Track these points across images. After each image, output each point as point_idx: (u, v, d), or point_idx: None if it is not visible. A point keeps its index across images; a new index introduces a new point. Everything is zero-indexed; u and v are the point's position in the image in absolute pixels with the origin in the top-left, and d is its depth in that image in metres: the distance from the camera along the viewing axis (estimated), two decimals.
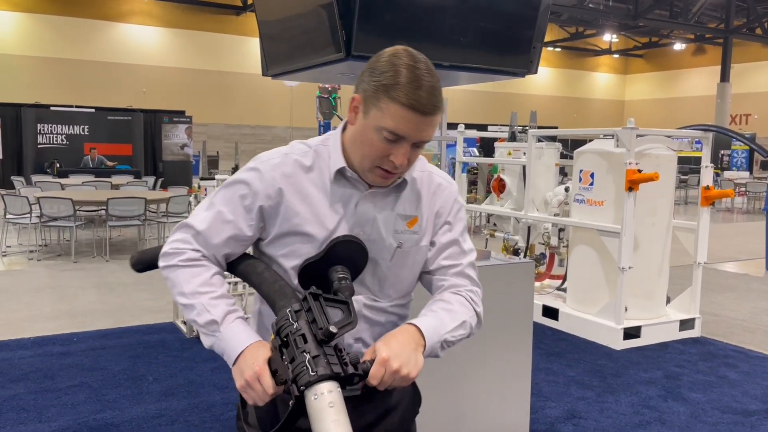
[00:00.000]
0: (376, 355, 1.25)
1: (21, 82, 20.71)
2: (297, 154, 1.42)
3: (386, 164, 1.33)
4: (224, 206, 1.39)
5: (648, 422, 3.71)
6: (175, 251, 1.39)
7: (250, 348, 1.28)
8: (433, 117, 1.32)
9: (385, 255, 1.43)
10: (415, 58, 1.33)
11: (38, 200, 8.24)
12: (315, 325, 1.19)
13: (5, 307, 5.91)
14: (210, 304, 1.33)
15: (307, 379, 1.12)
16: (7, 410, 3.66)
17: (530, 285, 3.25)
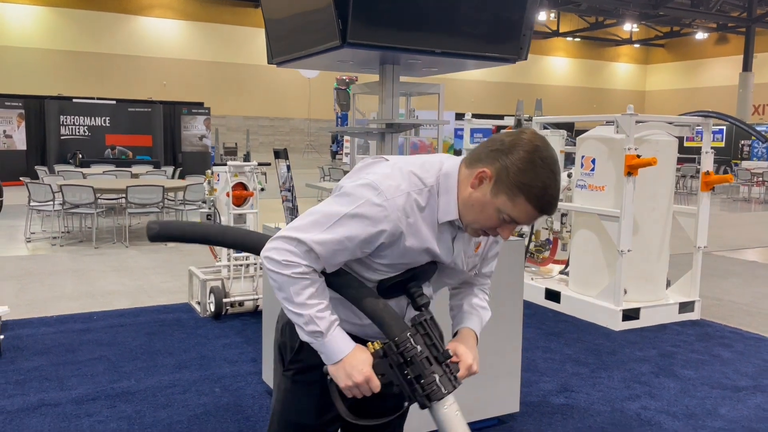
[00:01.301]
0: (460, 360, 1.60)
1: (44, 74, 21.16)
2: (416, 193, 1.49)
3: (492, 233, 1.53)
4: (346, 238, 1.46)
5: (638, 396, 3.86)
6: (288, 263, 1.46)
7: (354, 353, 1.49)
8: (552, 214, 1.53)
9: (455, 276, 1.69)
10: (554, 159, 1.45)
11: (61, 188, 8.54)
12: (435, 349, 1.50)
13: (30, 289, 6.20)
14: (317, 317, 1.47)
15: (440, 396, 1.46)
16: (31, 380, 3.91)
17: (520, 262, 3.40)
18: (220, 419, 3.43)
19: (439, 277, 1.67)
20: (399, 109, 3.50)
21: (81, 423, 3.36)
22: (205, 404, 3.62)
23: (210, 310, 5.29)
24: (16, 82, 20.05)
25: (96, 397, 3.68)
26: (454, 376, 1.50)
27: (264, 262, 1.51)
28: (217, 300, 5.20)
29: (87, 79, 22.43)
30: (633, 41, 35.69)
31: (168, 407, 3.57)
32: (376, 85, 3.54)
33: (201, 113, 18.87)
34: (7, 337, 4.61)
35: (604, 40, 35.69)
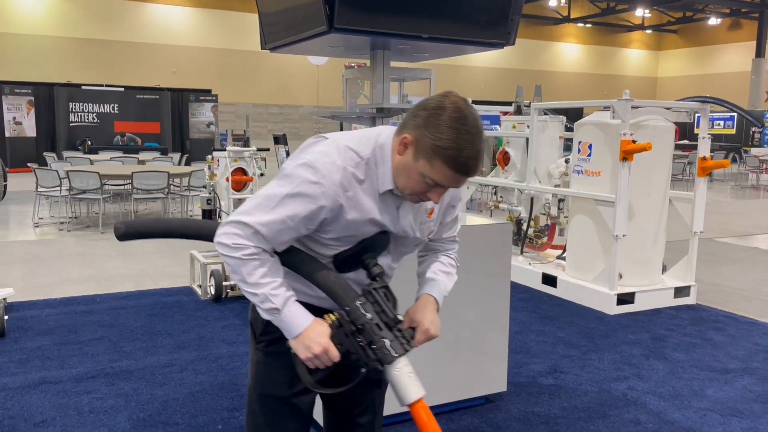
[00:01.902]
0: (417, 325, 1.66)
1: (53, 62, 21.29)
2: (352, 167, 1.54)
3: (423, 197, 1.55)
4: (288, 217, 1.52)
5: (626, 377, 3.91)
6: (237, 246, 1.53)
7: (312, 326, 1.56)
8: (474, 176, 1.53)
9: (410, 244, 1.74)
10: (474, 122, 1.45)
11: (68, 174, 8.67)
12: (385, 315, 1.56)
13: (37, 272, 6.33)
14: (271, 294, 1.54)
15: (390, 359, 1.51)
16: (33, 359, 4.03)
17: (508, 245, 3.45)
18: (215, 396, 3.53)
19: (396, 247, 1.71)
20: (390, 94, 3.55)
21: (80, 399, 3.46)
22: (201, 382, 3.71)
23: (210, 293, 5.39)
24: (26, 70, 20.20)
25: (96, 375, 3.79)
26: (407, 339, 1.56)
27: (217, 247, 1.57)
28: (217, 283, 5.30)
29: (96, 66, 22.56)
30: (645, 27, 35.32)
31: (165, 385, 3.67)
32: (368, 70, 3.59)
33: (208, 100, 18.96)
34: (12, 318, 4.73)
35: (615, 26, 35.34)
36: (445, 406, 3.34)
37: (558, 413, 3.40)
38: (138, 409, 3.36)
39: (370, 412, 1.86)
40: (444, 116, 1.44)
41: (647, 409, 3.48)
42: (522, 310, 5.26)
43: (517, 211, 6.57)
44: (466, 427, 3.22)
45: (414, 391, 1.51)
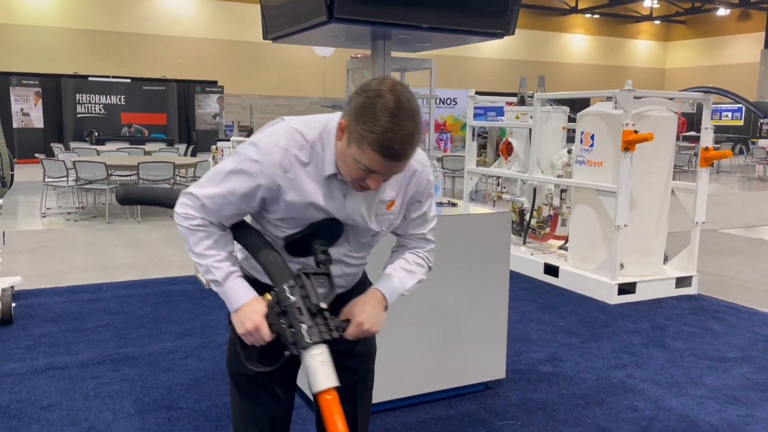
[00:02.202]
0: (352, 318, 1.63)
1: (61, 53, 21.36)
2: (295, 149, 1.54)
3: (362, 184, 1.53)
4: (228, 192, 1.57)
5: (624, 365, 3.95)
6: (186, 216, 1.61)
7: (249, 303, 1.60)
8: (405, 161, 1.48)
9: (366, 235, 1.71)
10: (399, 101, 1.42)
11: (75, 165, 8.74)
12: (309, 300, 1.55)
13: (44, 261, 6.41)
14: (214, 266, 1.60)
15: (304, 345, 1.51)
16: (41, 345, 4.10)
17: (507, 233, 3.49)
18: (218, 382, 3.59)
19: (354, 237, 1.69)
20: None
21: (86, 384, 3.53)
22: (204, 369, 3.77)
23: None
24: (33, 61, 20.28)
25: (101, 361, 3.85)
26: (328, 329, 1.54)
27: (175, 218, 1.65)
28: None
29: (102, 57, 22.62)
30: (653, 18, 35.08)
31: (169, 371, 3.73)
32: (370, 61, 3.62)
33: (214, 91, 19.01)
34: (20, 306, 4.81)
35: (623, 17, 35.11)
36: (444, 392, 3.39)
37: (556, 400, 3.44)
38: (143, 394, 3.42)
39: (349, 402, 1.81)
40: (373, 100, 1.42)
41: (644, 396, 3.51)
42: (523, 300, 5.29)
43: (519, 201, 6.59)
44: (465, 413, 3.26)
45: (322, 381, 1.49)
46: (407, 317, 3.21)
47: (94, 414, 3.19)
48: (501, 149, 6.79)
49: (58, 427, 3.04)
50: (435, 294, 3.27)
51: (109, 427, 3.05)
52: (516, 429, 3.12)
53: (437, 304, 3.29)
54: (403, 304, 3.14)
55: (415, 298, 3.17)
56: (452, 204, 3.61)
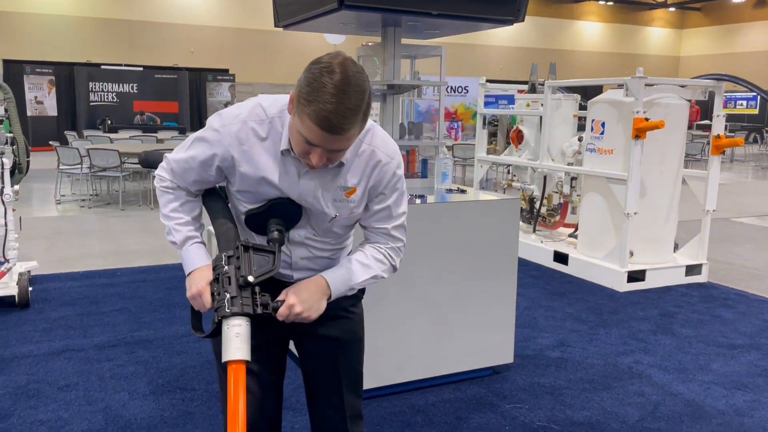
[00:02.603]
0: (286, 299, 1.60)
1: (74, 41, 21.47)
2: (254, 122, 1.58)
3: (307, 159, 1.52)
4: (190, 157, 1.66)
5: (632, 351, 3.98)
6: (160, 177, 1.72)
7: (199, 270, 1.64)
8: (344, 135, 1.44)
9: (324, 219, 1.70)
10: (345, 76, 1.40)
11: (88, 152, 8.83)
12: (239, 272, 1.56)
13: (59, 247, 6.51)
14: (175, 229, 1.69)
15: (223, 314, 1.51)
16: (57, 328, 4.19)
17: (515, 220, 3.51)
18: None
19: (315, 221, 1.69)
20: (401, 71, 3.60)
21: (102, 366, 3.61)
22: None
23: None
24: (47, 49, 20.41)
25: (116, 344, 3.93)
26: (254, 303, 1.53)
27: None
28: None
29: (115, 45, 22.71)
30: (668, 5, 34.68)
31: (182, 354, 3.80)
32: (380, 48, 3.64)
33: (226, 80, 19.07)
34: (36, 290, 4.90)
35: (637, 4, 34.74)
36: (452, 376, 3.44)
37: (563, 384, 3.48)
38: (157, 376, 3.49)
39: (334, 376, 1.83)
40: (320, 73, 1.41)
41: (652, 381, 3.54)
42: (532, 287, 5.32)
43: (530, 189, 6.60)
44: (473, 397, 3.31)
45: (233, 352, 1.49)
46: (416, 302, 3.25)
47: (110, 394, 3.26)
48: (511, 137, 6.80)
49: (75, 407, 3.12)
50: (444, 279, 3.31)
51: (125, 407, 3.13)
52: (523, 412, 3.16)
53: (446, 289, 3.33)
54: (412, 289, 3.20)
55: (424, 283, 3.23)
56: (461, 191, 3.63)
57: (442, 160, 3.68)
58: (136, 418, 3.02)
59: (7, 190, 4.46)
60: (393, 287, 3.15)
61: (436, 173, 3.71)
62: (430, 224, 3.24)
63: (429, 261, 3.26)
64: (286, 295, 1.62)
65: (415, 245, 3.20)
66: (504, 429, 2.99)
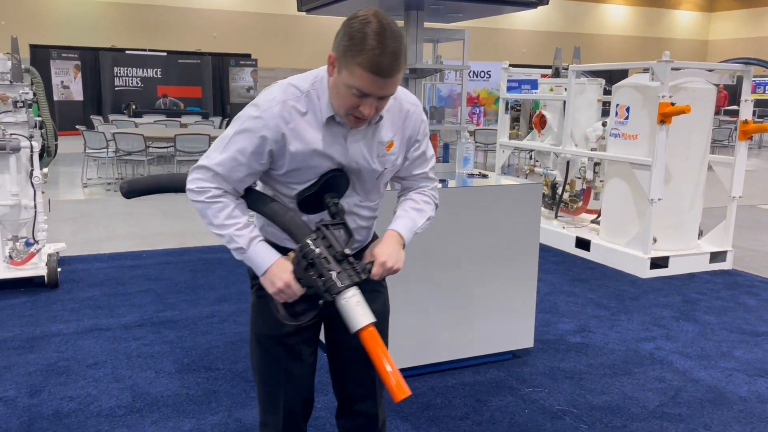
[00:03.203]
0: (375, 258, 1.69)
1: (98, 27, 21.67)
2: (292, 100, 1.62)
3: (357, 113, 1.57)
4: (237, 152, 1.62)
5: (654, 337, 3.96)
6: (200, 190, 1.65)
7: (276, 264, 1.66)
8: (394, 78, 1.53)
9: (372, 176, 1.77)
10: (382, 24, 1.48)
11: (114, 136, 8.96)
12: (333, 249, 1.62)
13: (86, 229, 6.63)
14: (236, 235, 1.65)
15: (337, 290, 1.58)
16: (85, 308, 4.29)
17: (537, 205, 3.51)
18: None
19: (360, 184, 1.75)
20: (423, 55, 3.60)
21: (129, 345, 3.69)
22: (240, 333, 3.91)
23: None
24: (73, 35, 20.64)
25: (143, 324, 4.02)
26: (356, 271, 1.61)
27: (188, 197, 1.69)
28: None
29: (139, 31, 22.89)
30: None
31: (207, 334, 3.88)
32: (402, 31, 3.63)
33: (248, 65, 19.12)
34: (65, 271, 5.01)
35: None
36: (472, 360, 3.46)
37: (583, 369, 3.49)
38: (182, 355, 3.57)
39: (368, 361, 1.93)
40: (360, 26, 1.48)
41: (673, 367, 3.53)
42: (554, 273, 5.31)
43: (552, 174, 6.56)
44: (493, 380, 3.33)
45: (361, 319, 1.56)
46: (437, 286, 3.28)
47: (136, 372, 3.34)
48: (534, 122, 6.75)
49: (103, 384, 3.21)
50: (465, 263, 3.32)
51: (152, 385, 3.20)
52: (542, 396, 3.17)
53: (467, 273, 3.34)
54: (432, 273, 3.22)
55: (445, 267, 3.24)
56: (483, 175, 3.63)
57: (463, 145, 3.68)
58: (161, 396, 3.09)
59: (36, 173, 4.55)
60: (414, 271, 3.17)
61: (457, 158, 3.71)
62: (450, 209, 3.25)
63: (450, 245, 3.27)
64: (372, 256, 1.70)
65: (435, 229, 3.22)
66: (523, 412, 3.01)
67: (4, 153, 4.40)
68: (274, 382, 1.87)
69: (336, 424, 2.04)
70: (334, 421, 2.82)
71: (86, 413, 2.91)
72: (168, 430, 2.79)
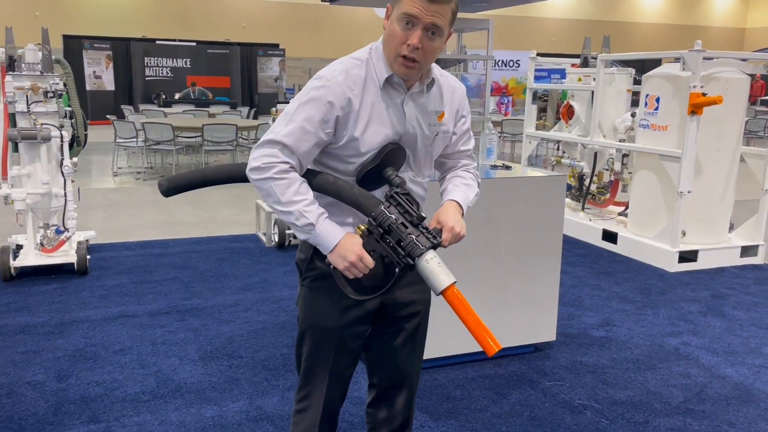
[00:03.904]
0: (442, 225, 1.73)
1: (130, 17, 21.95)
2: (354, 68, 1.68)
3: (405, 50, 1.61)
4: (305, 120, 1.63)
5: (680, 332, 3.90)
6: (267, 165, 1.63)
7: (345, 238, 1.66)
8: (440, 5, 1.59)
9: (426, 143, 1.81)
10: None
11: (143, 126, 9.09)
12: (408, 215, 1.64)
13: (115, 218, 6.75)
14: (305, 210, 1.63)
15: (419, 252, 1.61)
16: (113, 295, 4.37)
17: (561, 197, 3.46)
18: (276, 334, 3.75)
19: (414, 156, 1.79)
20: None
21: (154, 332, 3.76)
22: (263, 321, 3.95)
23: (274, 240, 5.63)
24: (105, 25, 20.94)
25: (168, 312, 4.09)
26: (433, 234, 1.64)
27: (250, 177, 1.67)
28: (281, 231, 5.53)
29: (169, 21, 23.12)
30: None
31: (231, 322, 3.93)
32: None
33: (276, 55, 19.20)
34: (94, 258, 5.11)
35: None
36: None
37: (606, 364, 3.45)
38: (206, 343, 3.62)
39: (412, 344, 1.94)
40: None
41: (699, 363, 3.47)
42: (579, 265, 5.25)
43: (579, 166, 6.47)
44: (513, 373, 3.31)
45: (445, 279, 1.59)
46: (459, 277, 3.25)
47: (161, 359, 3.40)
48: (561, 112, 6.66)
49: (129, 369, 3.27)
50: (488, 255, 3.30)
51: (176, 372, 3.26)
52: (563, 389, 3.15)
53: (490, 265, 3.32)
54: (454, 265, 3.19)
55: (466, 259, 3.23)
56: (506, 167, 3.60)
57: (487, 136, 3.65)
58: (185, 382, 3.15)
59: (66, 162, 4.64)
60: None
61: (481, 149, 3.68)
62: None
63: (471, 237, 3.23)
64: (438, 224, 1.74)
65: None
66: (544, 406, 2.99)
67: (35, 142, 4.50)
68: (319, 373, 1.88)
69: (366, 413, 2.06)
70: (353, 410, 2.85)
71: (112, 398, 2.98)
72: (190, 416, 2.84)
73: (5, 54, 4.53)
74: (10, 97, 4.44)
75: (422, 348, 2.02)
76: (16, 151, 4.60)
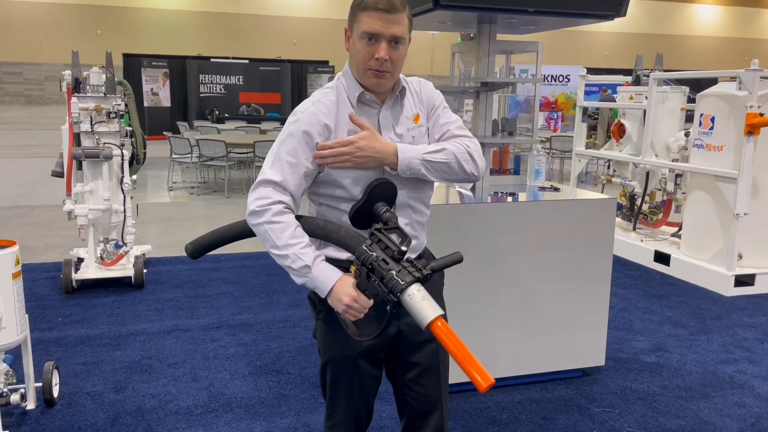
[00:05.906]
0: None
1: (186, 36, 22.71)
2: (324, 97, 1.76)
3: (374, 64, 1.69)
4: (287, 155, 1.70)
5: (735, 360, 3.79)
6: (262, 209, 1.67)
7: (340, 280, 1.67)
8: (395, 14, 1.66)
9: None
10: None
11: (198, 142, 9.37)
12: (389, 250, 1.63)
13: (170, 232, 6.98)
14: (301, 253, 1.65)
15: (399, 288, 1.56)
16: (168, 308, 4.52)
17: (611, 220, 3.43)
18: None
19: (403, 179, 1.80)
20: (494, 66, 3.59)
21: (206, 346, 3.87)
22: (310, 338, 4.02)
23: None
24: (162, 43, 21.72)
25: (220, 326, 4.20)
26: (417, 267, 1.59)
27: (249, 222, 1.72)
28: None
29: (223, 39, 23.80)
30: None
31: (279, 338, 4.01)
32: (474, 44, 3.64)
33: (326, 71, 19.49)
34: (150, 272, 5.30)
35: None
36: (540, 376, 3.43)
37: (657, 391, 3.38)
38: (255, 358, 3.71)
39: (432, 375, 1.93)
40: None
41: (754, 393, 3.37)
42: (629, 288, 5.16)
43: (630, 185, 6.37)
44: (560, 398, 3.28)
45: (430, 312, 1.53)
46: (506, 299, 3.26)
47: (213, 373, 3.50)
48: (612, 131, 6.57)
49: (182, 383, 3.38)
50: (536, 278, 3.29)
51: (226, 386, 3.35)
52: (612, 416, 3.10)
53: (538, 288, 3.31)
54: (503, 286, 3.21)
55: (515, 281, 3.23)
56: (555, 189, 3.59)
57: (535, 157, 3.65)
58: (235, 397, 3.23)
59: (126, 180, 4.84)
60: (483, 284, 3.18)
61: (529, 170, 3.68)
62: (521, 222, 3.23)
63: (521, 259, 3.25)
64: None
65: (506, 243, 3.21)
66: None
67: (98, 161, 4.71)
68: (344, 399, 1.92)
69: None
70: (397, 428, 2.87)
71: (165, 411, 3.08)
72: (240, 431, 2.91)
73: (71, 76, 4.77)
74: (76, 118, 4.66)
75: (446, 369, 2.00)
76: (79, 169, 4.82)
